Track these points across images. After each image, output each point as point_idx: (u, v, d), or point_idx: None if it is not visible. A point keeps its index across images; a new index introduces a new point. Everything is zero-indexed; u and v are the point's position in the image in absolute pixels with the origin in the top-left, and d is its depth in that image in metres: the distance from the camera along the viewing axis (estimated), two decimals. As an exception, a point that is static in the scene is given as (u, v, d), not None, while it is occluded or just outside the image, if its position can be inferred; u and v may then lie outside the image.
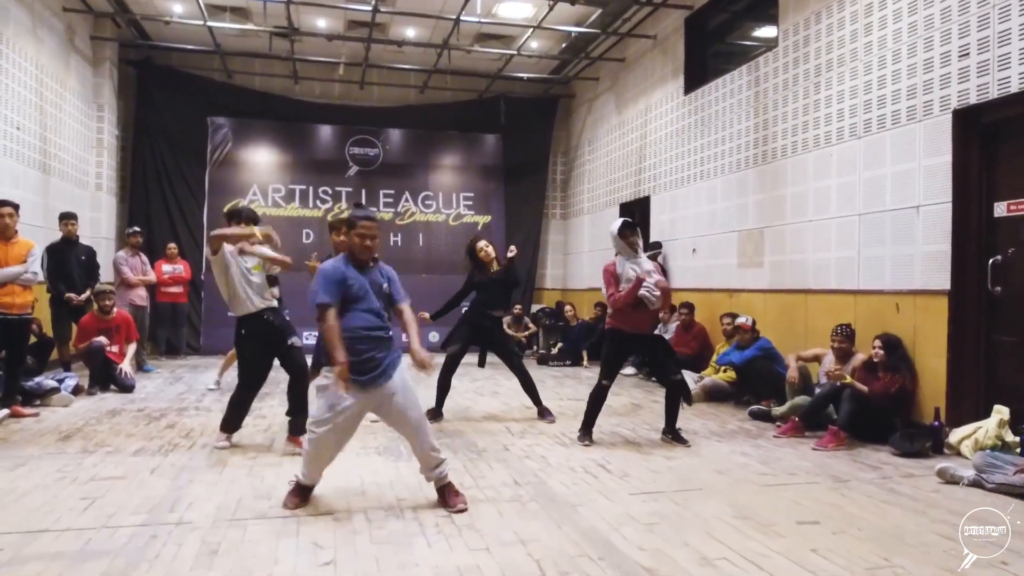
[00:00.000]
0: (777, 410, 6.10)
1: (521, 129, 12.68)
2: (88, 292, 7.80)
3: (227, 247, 4.81)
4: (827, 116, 6.70)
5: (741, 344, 6.98)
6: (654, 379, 5.36)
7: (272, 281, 5.77)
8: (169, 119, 11.34)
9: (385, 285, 3.73)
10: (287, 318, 5.27)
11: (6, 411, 5.06)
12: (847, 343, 5.90)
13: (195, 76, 11.54)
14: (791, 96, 7.20)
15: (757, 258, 7.70)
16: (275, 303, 5.07)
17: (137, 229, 9.52)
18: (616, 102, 11.24)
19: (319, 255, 5.76)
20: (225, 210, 5.72)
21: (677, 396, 5.36)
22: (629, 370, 9.21)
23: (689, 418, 6.27)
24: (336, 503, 3.74)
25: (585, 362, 10.05)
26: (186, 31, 10.47)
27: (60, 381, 6.73)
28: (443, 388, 6.15)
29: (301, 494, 3.72)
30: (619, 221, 5.27)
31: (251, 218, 5.06)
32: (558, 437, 5.42)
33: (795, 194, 7.14)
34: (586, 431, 5.32)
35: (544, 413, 6.21)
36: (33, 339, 7.47)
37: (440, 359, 6.07)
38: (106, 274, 9.15)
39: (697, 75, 9.12)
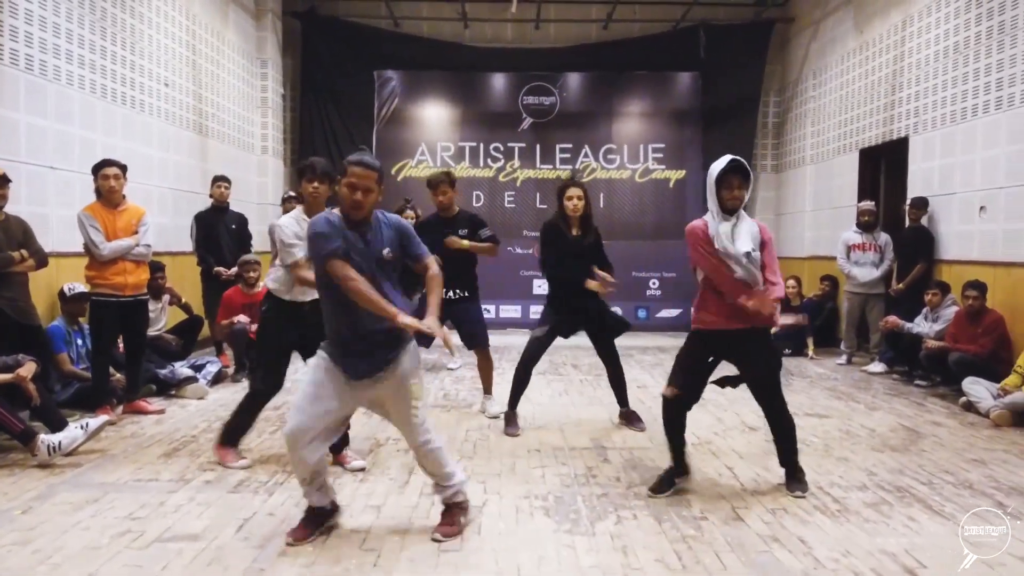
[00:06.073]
0: None
1: (724, 64, 10.47)
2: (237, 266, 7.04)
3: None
4: None
5: (1085, 349, 4.67)
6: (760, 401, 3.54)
7: None
8: (335, 74, 10.54)
9: (386, 252, 2.87)
10: None
11: (104, 418, 4.18)
12: None
13: (361, 26, 10.60)
14: None
15: (1103, 219, 5.24)
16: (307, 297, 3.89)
17: (293, 194, 8.74)
18: (856, 18, 8.77)
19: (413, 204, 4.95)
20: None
21: (790, 432, 3.61)
22: (877, 367, 7.05)
23: (1007, 459, 4.18)
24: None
25: (811, 351, 7.95)
26: (347, -26, 9.49)
27: (199, 368, 5.98)
28: (519, 380, 4.80)
29: (310, 521, 3.06)
30: (724, 161, 3.38)
31: (326, 172, 3.77)
32: (815, 496, 3.60)
33: None
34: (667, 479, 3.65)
35: (631, 418, 4.85)
36: (184, 316, 6.88)
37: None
38: (262, 243, 8.49)
39: (989, -35, 6.56)
